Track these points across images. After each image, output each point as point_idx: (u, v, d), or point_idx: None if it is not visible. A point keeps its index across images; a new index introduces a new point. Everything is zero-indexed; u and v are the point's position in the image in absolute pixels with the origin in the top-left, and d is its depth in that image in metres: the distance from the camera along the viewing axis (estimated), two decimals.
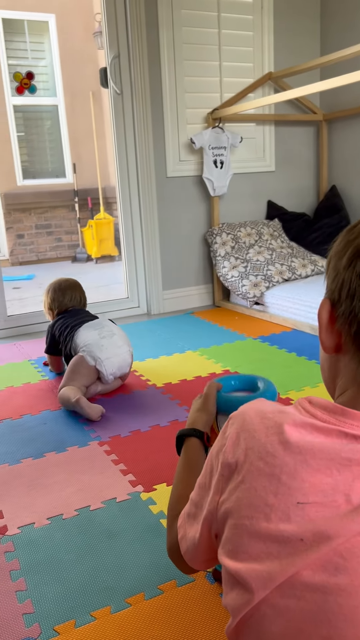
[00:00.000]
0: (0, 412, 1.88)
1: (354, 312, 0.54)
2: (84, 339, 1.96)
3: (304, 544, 0.48)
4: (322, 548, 0.47)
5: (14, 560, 1.13)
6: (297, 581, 0.48)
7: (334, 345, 0.57)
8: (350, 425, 0.51)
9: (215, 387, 0.96)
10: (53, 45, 5.95)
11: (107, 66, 2.85)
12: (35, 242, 6.06)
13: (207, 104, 3.08)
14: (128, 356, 1.99)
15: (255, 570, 0.50)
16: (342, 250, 0.56)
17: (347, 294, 0.54)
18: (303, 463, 0.50)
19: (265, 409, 0.57)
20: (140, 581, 1.05)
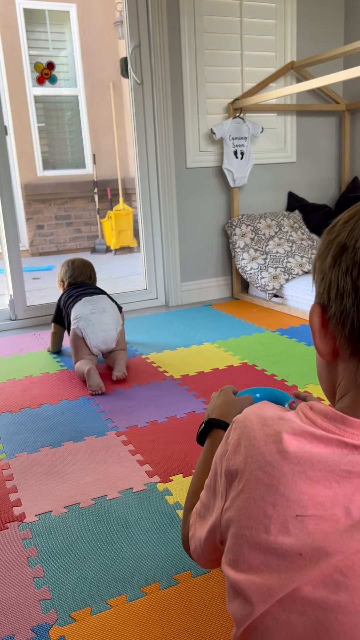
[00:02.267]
0: (19, 401, 1.90)
1: (345, 312, 0.51)
2: (76, 313, 2.14)
3: (303, 559, 0.47)
4: (321, 564, 0.46)
5: (32, 547, 1.15)
6: (298, 596, 0.47)
7: (331, 351, 0.55)
8: (350, 434, 0.49)
9: (250, 402, 0.94)
10: (74, 35, 5.95)
11: (128, 56, 2.84)
12: (54, 233, 6.09)
13: (228, 94, 3.05)
14: (114, 332, 2.13)
15: (255, 583, 0.50)
16: (325, 250, 0.55)
17: (336, 294, 0.52)
18: (302, 474, 0.49)
19: (266, 415, 0.55)
20: (156, 571, 1.05)
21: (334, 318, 0.53)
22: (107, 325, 2.12)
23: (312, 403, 0.54)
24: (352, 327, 0.51)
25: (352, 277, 0.50)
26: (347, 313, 0.51)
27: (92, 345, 2.08)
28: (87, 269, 2.42)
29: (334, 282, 0.52)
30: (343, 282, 0.51)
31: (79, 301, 2.19)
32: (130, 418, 1.72)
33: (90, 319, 2.11)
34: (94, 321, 2.10)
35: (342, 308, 0.51)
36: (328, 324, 0.54)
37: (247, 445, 0.54)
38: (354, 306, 0.50)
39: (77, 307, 2.16)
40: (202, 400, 1.82)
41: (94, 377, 1.94)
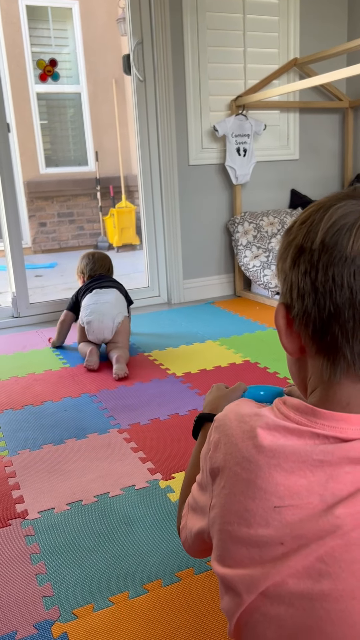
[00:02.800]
0: (22, 399, 1.90)
1: (307, 312, 0.52)
2: (84, 303, 2.32)
3: (285, 547, 0.49)
4: (301, 552, 0.48)
5: (34, 544, 1.15)
6: (284, 589, 0.49)
7: (298, 348, 0.56)
8: (321, 425, 0.51)
9: (242, 390, 0.94)
10: (76, 32, 5.94)
11: (130, 53, 2.83)
12: (57, 231, 6.09)
13: (231, 91, 3.05)
14: (110, 323, 2.23)
15: (239, 575, 0.52)
16: (285, 252, 0.56)
17: (298, 295, 0.53)
18: (277, 467, 0.51)
19: (243, 412, 0.57)
20: (158, 568, 1.06)
21: (298, 317, 0.54)
22: (105, 315, 2.22)
23: (285, 398, 0.55)
24: (315, 326, 0.52)
25: (310, 278, 0.51)
26: (309, 313, 0.52)
27: (89, 332, 2.23)
28: (106, 261, 2.55)
29: (294, 283, 0.53)
30: (303, 283, 0.52)
31: (90, 293, 2.34)
32: (132, 415, 1.72)
33: (91, 309, 2.25)
34: (93, 312, 2.24)
35: (304, 308, 0.52)
36: (293, 323, 0.55)
37: (226, 443, 0.56)
38: (314, 306, 0.51)
39: (87, 298, 2.33)
40: (204, 398, 1.82)
41: (93, 354, 2.14)
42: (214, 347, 2.33)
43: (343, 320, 0.50)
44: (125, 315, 2.31)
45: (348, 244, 0.49)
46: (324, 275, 0.50)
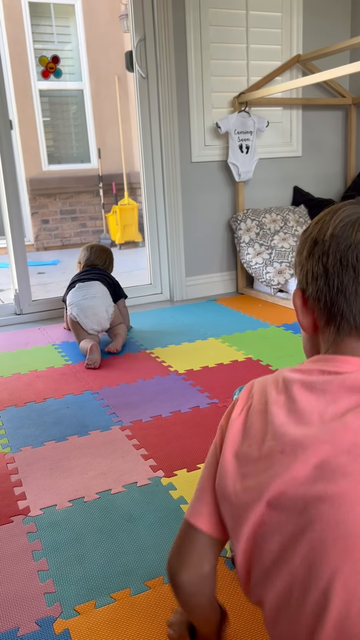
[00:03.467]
0: (24, 396, 1.91)
1: (319, 289, 0.65)
2: (70, 299, 2.37)
3: (285, 455, 0.58)
4: (299, 457, 0.57)
5: (36, 540, 1.15)
6: (284, 497, 0.57)
7: (312, 324, 0.69)
8: (327, 365, 0.63)
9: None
10: (79, 29, 5.92)
11: (133, 49, 2.82)
12: (60, 228, 6.09)
13: (234, 88, 3.04)
14: (105, 314, 2.32)
15: (249, 487, 0.60)
16: (301, 246, 0.69)
17: (312, 278, 0.66)
18: (285, 394, 0.63)
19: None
20: (160, 565, 1.06)
21: (312, 297, 0.67)
22: (98, 308, 2.30)
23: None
24: (325, 300, 0.65)
25: (322, 263, 0.64)
26: (321, 290, 0.65)
27: (88, 328, 2.29)
28: (103, 254, 2.60)
29: (309, 269, 0.66)
30: (316, 267, 0.65)
31: (73, 288, 2.40)
32: (134, 412, 1.72)
33: (81, 305, 2.30)
34: (84, 306, 2.30)
35: (317, 287, 0.65)
36: (307, 302, 0.68)
37: (257, 388, 0.68)
38: (326, 285, 0.64)
39: (71, 294, 2.39)
40: (206, 395, 1.82)
41: (94, 352, 2.15)
42: (216, 344, 2.33)
43: (348, 294, 0.63)
44: (113, 306, 2.38)
45: (352, 234, 0.63)
46: (333, 259, 0.63)
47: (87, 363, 2.13)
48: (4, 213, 2.81)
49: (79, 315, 2.28)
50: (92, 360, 2.13)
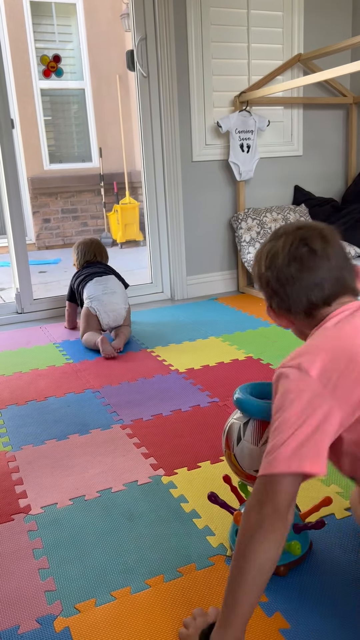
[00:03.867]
0: (25, 394, 1.91)
1: (280, 297, 0.92)
2: (89, 292, 2.39)
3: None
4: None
5: (37, 539, 1.16)
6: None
7: (288, 323, 0.96)
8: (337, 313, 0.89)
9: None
10: (80, 28, 5.92)
11: (134, 49, 2.82)
12: (61, 227, 6.10)
13: (235, 87, 3.04)
14: (123, 312, 2.39)
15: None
16: (259, 261, 0.96)
17: (277, 286, 0.92)
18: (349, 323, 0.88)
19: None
20: (160, 563, 1.06)
21: (278, 306, 0.94)
22: (118, 304, 2.37)
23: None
24: (289, 306, 0.92)
25: (279, 282, 0.91)
26: (282, 296, 0.92)
27: (104, 324, 2.35)
28: (103, 249, 2.65)
29: (271, 280, 0.92)
30: (274, 278, 0.92)
31: (91, 281, 2.42)
32: (135, 411, 1.73)
33: (103, 300, 2.35)
34: (105, 302, 2.35)
35: (280, 297, 0.92)
36: (278, 310, 0.95)
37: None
38: (285, 294, 0.91)
39: (90, 287, 2.41)
40: (207, 394, 1.82)
41: (105, 343, 2.21)
42: (217, 343, 2.33)
43: (302, 292, 0.90)
44: (129, 303, 2.46)
45: (283, 260, 0.91)
46: (284, 278, 0.91)
47: (105, 355, 2.19)
48: (6, 212, 2.81)
49: (99, 310, 2.33)
50: (108, 350, 2.19)
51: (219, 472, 1.34)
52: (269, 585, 0.97)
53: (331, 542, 1.08)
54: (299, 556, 1.01)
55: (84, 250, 2.60)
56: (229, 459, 1.01)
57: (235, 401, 1.00)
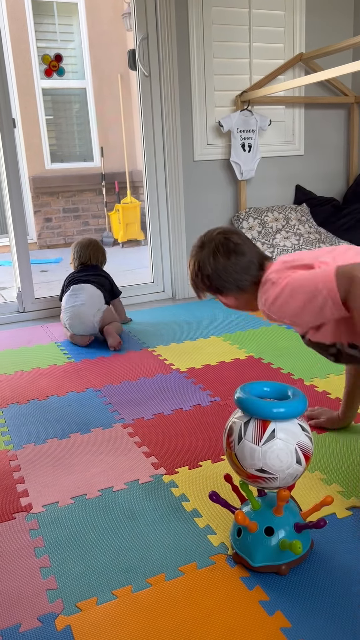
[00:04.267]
0: (27, 393, 1.91)
1: (227, 284, 1.25)
2: (64, 303, 2.49)
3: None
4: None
5: (38, 537, 1.16)
6: None
7: (236, 299, 1.29)
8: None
9: None
10: (82, 27, 5.92)
11: (136, 48, 2.82)
12: (62, 226, 6.10)
13: (236, 86, 3.04)
14: (91, 323, 2.38)
15: None
16: (197, 271, 1.29)
17: (222, 278, 1.25)
18: None
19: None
20: (161, 562, 1.06)
21: (227, 291, 1.26)
22: (85, 317, 2.37)
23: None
24: (237, 286, 1.25)
25: (219, 272, 1.24)
26: (230, 284, 1.24)
27: (77, 334, 2.39)
28: (97, 252, 2.63)
29: (213, 280, 1.25)
30: (213, 267, 1.25)
31: (67, 291, 2.49)
32: (136, 410, 1.73)
33: (71, 313, 2.40)
34: (72, 315, 2.39)
35: (227, 285, 1.25)
36: (226, 295, 1.27)
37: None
38: (230, 280, 1.24)
39: (65, 298, 2.49)
40: (208, 393, 1.82)
41: (113, 335, 2.32)
42: (218, 342, 2.33)
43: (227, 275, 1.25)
44: (102, 310, 2.42)
45: (221, 258, 1.26)
46: (226, 270, 1.25)
47: (113, 346, 2.29)
48: (7, 211, 2.82)
49: (68, 323, 2.40)
50: (117, 343, 2.29)
51: (220, 471, 1.34)
52: (269, 584, 0.98)
53: (332, 541, 1.08)
54: (300, 555, 1.01)
55: (80, 252, 2.61)
56: (230, 458, 1.02)
57: (236, 400, 1.01)
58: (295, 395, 1.01)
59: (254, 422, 0.98)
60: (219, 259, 1.24)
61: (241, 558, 1.03)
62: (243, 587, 0.99)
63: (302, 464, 0.98)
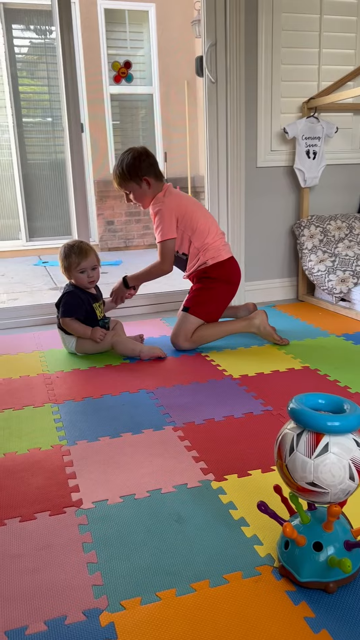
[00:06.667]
0: (82, 391, 1.96)
1: (147, 173, 2.38)
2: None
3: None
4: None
5: (87, 533, 1.18)
6: None
7: (147, 185, 2.37)
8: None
9: None
10: (152, 35, 6.03)
11: (203, 54, 2.84)
12: (124, 229, 6.21)
13: (303, 93, 3.00)
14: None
15: None
16: (125, 167, 2.38)
17: (145, 168, 2.38)
18: None
19: None
20: (206, 568, 1.06)
21: (146, 177, 2.39)
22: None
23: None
24: (149, 173, 2.38)
25: (144, 165, 2.39)
26: (148, 173, 2.39)
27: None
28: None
29: (138, 170, 2.38)
30: (139, 168, 2.37)
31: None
32: (187, 414, 1.73)
33: None
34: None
35: (147, 172, 2.39)
36: (144, 181, 2.40)
37: None
38: (148, 170, 2.40)
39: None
40: (260, 402, 1.80)
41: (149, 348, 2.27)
42: (272, 350, 2.30)
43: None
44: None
45: (143, 157, 2.39)
46: (148, 162, 2.41)
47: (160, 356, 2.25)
48: (72, 214, 2.90)
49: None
50: (154, 353, 2.24)
51: (270, 482, 1.32)
52: (316, 600, 0.96)
53: None
54: (349, 574, 0.98)
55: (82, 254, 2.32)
56: (281, 469, 1.00)
57: (290, 411, 0.99)
58: (352, 410, 0.98)
59: (307, 434, 0.96)
60: (143, 160, 2.34)
61: (288, 571, 1.01)
62: (288, 601, 0.97)
63: (355, 480, 0.95)
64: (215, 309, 2.41)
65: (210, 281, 2.39)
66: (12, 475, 1.42)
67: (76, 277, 2.27)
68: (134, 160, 2.33)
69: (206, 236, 2.38)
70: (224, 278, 2.41)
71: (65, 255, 2.26)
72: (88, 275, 2.28)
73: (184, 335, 2.32)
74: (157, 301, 3.06)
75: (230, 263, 2.43)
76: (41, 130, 5.99)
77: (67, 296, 2.27)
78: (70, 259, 2.24)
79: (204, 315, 2.36)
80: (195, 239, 2.37)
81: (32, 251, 5.98)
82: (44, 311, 2.91)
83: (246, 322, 2.39)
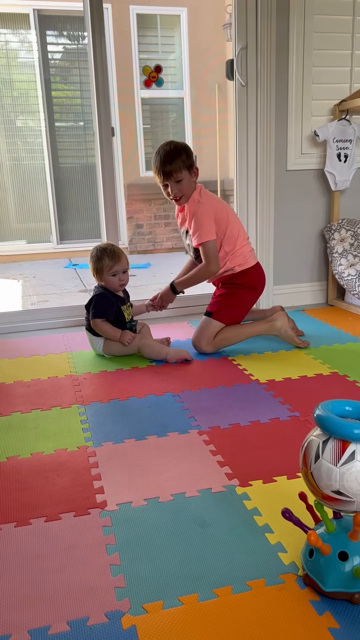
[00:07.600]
0: (109, 393, 1.97)
1: (192, 163, 2.39)
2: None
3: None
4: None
5: (110, 535, 1.19)
6: None
7: (195, 177, 2.44)
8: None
9: None
10: (183, 39, 6.05)
11: (234, 58, 2.84)
12: (153, 232, 6.24)
13: (335, 95, 2.96)
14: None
15: None
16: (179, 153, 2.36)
17: (188, 159, 2.42)
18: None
19: None
20: (229, 574, 1.05)
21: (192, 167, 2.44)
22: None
23: None
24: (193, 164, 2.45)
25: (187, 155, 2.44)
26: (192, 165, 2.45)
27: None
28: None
29: (185, 161, 2.39)
30: (183, 160, 2.41)
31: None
32: (213, 418, 1.73)
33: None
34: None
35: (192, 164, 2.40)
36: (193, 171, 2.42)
37: None
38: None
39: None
40: (287, 407, 1.78)
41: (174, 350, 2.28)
42: (300, 355, 2.28)
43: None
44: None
45: (184, 146, 2.44)
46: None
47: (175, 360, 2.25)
48: (101, 217, 2.93)
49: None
50: (179, 356, 2.24)
51: (295, 489, 1.30)
52: (341, 611, 0.94)
53: None
54: None
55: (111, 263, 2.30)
56: (306, 476, 0.99)
57: (316, 418, 0.98)
58: None
59: (333, 442, 0.94)
60: (188, 149, 2.43)
61: (312, 580, 0.99)
62: (312, 611, 0.95)
63: None
64: (239, 314, 2.41)
65: (236, 287, 2.39)
66: (38, 475, 1.44)
67: (107, 279, 2.28)
68: (187, 148, 2.36)
69: (236, 240, 2.37)
70: (249, 284, 2.40)
71: (97, 257, 2.26)
72: (119, 278, 2.29)
73: (206, 339, 2.32)
74: (183, 304, 3.06)
75: (256, 269, 2.42)
76: (73, 134, 6.07)
77: (97, 298, 2.29)
78: (103, 262, 2.24)
79: (227, 320, 2.37)
80: (225, 242, 2.36)
81: (63, 254, 6.06)
82: (73, 313, 2.94)
83: (268, 325, 2.38)
